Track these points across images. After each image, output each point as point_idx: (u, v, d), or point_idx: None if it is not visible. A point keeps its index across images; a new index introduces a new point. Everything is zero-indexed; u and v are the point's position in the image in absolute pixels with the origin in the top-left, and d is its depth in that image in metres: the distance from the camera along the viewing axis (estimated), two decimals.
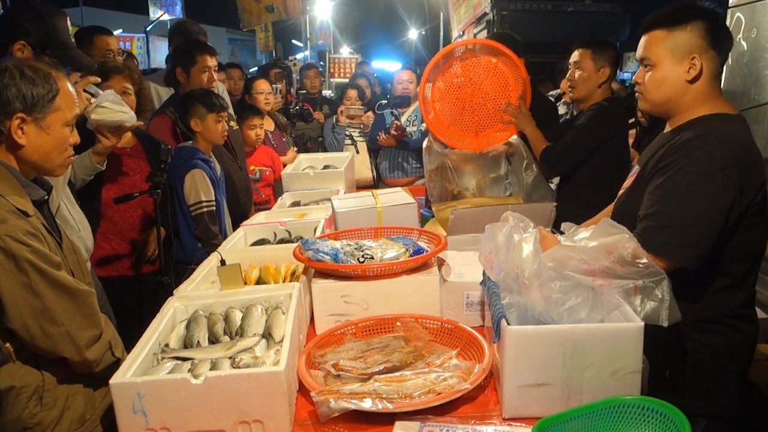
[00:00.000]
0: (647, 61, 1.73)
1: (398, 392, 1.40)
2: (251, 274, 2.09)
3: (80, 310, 1.58)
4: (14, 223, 1.47)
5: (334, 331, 1.77)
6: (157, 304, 1.82)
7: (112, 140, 2.50)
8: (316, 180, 3.61)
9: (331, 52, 12.78)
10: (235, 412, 1.35)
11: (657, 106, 1.77)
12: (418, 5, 11.57)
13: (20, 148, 1.59)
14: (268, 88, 4.53)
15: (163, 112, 3.33)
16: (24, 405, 1.53)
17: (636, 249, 1.40)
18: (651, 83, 1.73)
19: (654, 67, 1.72)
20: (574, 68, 2.87)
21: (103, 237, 2.82)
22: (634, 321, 1.35)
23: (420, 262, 1.91)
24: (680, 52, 1.67)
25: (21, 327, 1.48)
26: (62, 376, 1.61)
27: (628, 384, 1.36)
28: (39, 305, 1.49)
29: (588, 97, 2.89)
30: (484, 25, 7.37)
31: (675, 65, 1.68)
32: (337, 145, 5.07)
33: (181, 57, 3.44)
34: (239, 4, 7.93)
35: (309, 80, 6.35)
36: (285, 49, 21.55)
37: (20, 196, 1.55)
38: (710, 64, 1.67)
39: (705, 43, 1.66)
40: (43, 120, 1.60)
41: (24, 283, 1.47)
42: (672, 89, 1.70)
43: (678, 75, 1.68)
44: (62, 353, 1.55)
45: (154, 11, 17.38)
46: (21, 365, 1.54)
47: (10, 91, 1.54)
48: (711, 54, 1.67)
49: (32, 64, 1.62)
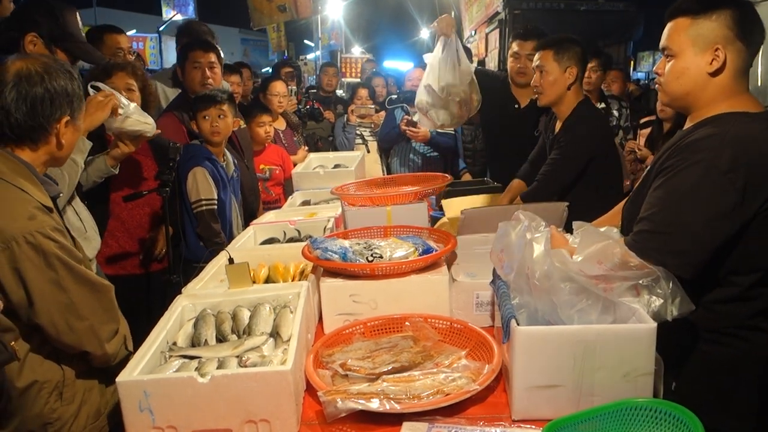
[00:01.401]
0: (669, 50, 1.64)
1: (406, 393, 1.38)
2: (260, 273, 2.09)
3: (101, 305, 1.61)
4: (42, 219, 1.50)
5: (342, 330, 1.76)
6: (165, 303, 1.82)
7: (131, 147, 2.51)
8: (326, 179, 3.60)
9: (342, 52, 12.80)
10: (242, 411, 1.34)
11: (676, 100, 1.68)
12: (430, 4, 11.52)
13: (61, 149, 1.63)
14: (284, 90, 4.52)
15: (170, 111, 3.34)
16: (45, 400, 1.56)
17: (623, 254, 1.38)
18: (671, 74, 1.64)
19: (675, 57, 1.62)
20: (537, 72, 2.72)
21: (111, 235, 2.82)
22: (647, 322, 1.33)
23: (429, 261, 1.89)
24: (703, 42, 1.56)
25: (48, 322, 1.50)
26: (80, 370, 1.63)
27: (640, 386, 1.34)
28: (66, 300, 1.52)
29: (558, 100, 2.73)
30: (496, 24, 7.34)
31: (697, 56, 1.58)
32: (347, 144, 5.06)
33: (179, 55, 3.47)
34: (250, 3, 7.91)
35: (327, 77, 6.36)
36: (297, 49, 21.59)
37: (42, 192, 1.58)
38: (736, 57, 1.56)
39: (732, 35, 1.54)
40: (78, 119, 1.66)
41: (52, 279, 1.49)
42: (692, 82, 1.61)
43: (699, 66, 1.58)
44: (86, 347, 1.58)
45: (167, 11, 17.50)
46: (43, 360, 1.56)
47: (61, 96, 1.58)
48: (738, 46, 1.55)
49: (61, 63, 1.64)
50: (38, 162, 1.62)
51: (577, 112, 2.71)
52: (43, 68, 1.56)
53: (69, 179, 2.16)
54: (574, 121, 2.72)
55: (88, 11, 18.24)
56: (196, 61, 3.32)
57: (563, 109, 2.75)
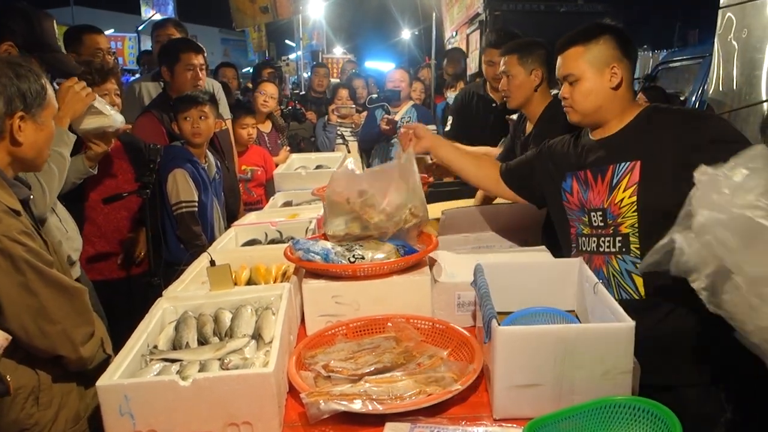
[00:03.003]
0: (572, 76, 1.89)
1: (389, 393, 1.39)
2: (242, 275, 2.08)
3: (74, 308, 1.59)
4: (9, 222, 1.47)
5: (324, 331, 1.76)
6: (146, 306, 1.80)
7: (102, 146, 2.49)
8: (308, 180, 3.59)
9: (324, 52, 12.76)
10: (224, 414, 1.34)
11: (588, 116, 1.92)
12: (411, 5, 11.57)
13: (18, 146, 1.60)
14: (273, 91, 4.52)
15: (149, 111, 3.31)
16: (21, 406, 1.53)
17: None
18: (579, 95, 1.89)
19: (579, 80, 1.87)
20: (504, 77, 2.75)
21: (88, 240, 2.77)
22: (625, 321, 1.35)
23: (411, 262, 1.90)
24: (599, 63, 1.84)
25: (18, 327, 1.48)
26: (56, 375, 1.61)
27: (619, 384, 1.35)
28: (36, 304, 1.49)
29: (526, 102, 2.76)
30: (477, 25, 7.38)
31: (597, 76, 1.85)
32: (328, 144, 5.07)
33: (165, 55, 3.40)
34: (232, 4, 7.87)
35: (318, 78, 6.36)
36: (278, 49, 21.50)
37: (9, 195, 1.55)
38: (626, 71, 1.86)
39: (619, 54, 1.84)
40: (39, 116, 1.62)
41: (21, 282, 1.47)
42: (600, 98, 1.87)
43: (602, 83, 1.85)
44: (59, 351, 1.56)
45: (146, 11, 17.31)
46: (17, 365, 1.53)
47: (11, 90, 1.55)
48: (625, 63, 1.86)
49: (21, 62, 1.62)
50: (2, 164, 1.60)
51: (546, 112, 2.75)
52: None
53: (58, 173, 2.13)
54: (545, 121, 2.75)
55: (65, 10, 18.01)
56: (189, 64, 3.31)
57: (532, 110, 2.79)
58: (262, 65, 6.82)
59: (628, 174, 1.83)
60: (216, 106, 3.15)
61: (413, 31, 17.56)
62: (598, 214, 1.92)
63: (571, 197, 2.02)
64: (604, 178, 1.90)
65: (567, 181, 2.03)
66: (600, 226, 1.92)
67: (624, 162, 1.84)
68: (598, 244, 1.93)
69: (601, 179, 1.90)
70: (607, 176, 1.89)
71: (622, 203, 1.84)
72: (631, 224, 1.83)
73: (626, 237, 1.85)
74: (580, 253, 1.99)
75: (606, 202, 1.89)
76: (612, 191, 1.87)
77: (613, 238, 1.88)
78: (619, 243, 1.87)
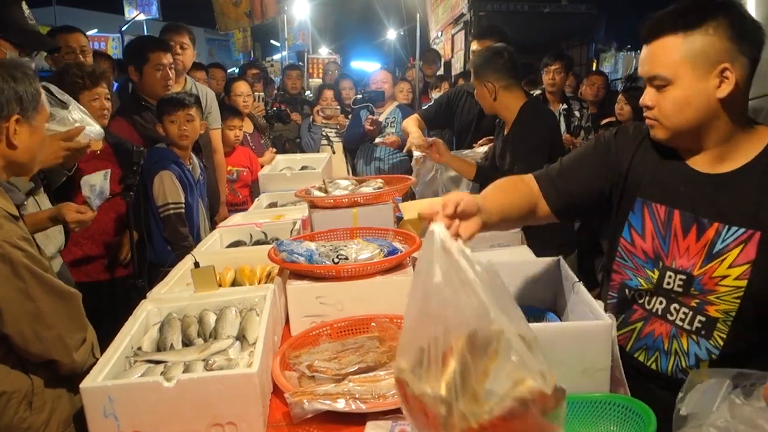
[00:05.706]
0: (659, 80, 1.34)
1: (372, 392, 1.40)
2: (226, 276, 2.08)
3: (69, 313, 1.60)
4: (9, 228, 1.48)
5: (309, 332, 1.77)
6: (131, 308, 1.80)
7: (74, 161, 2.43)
8: (293, 181, 3.59)
9: (309, 53, 12.72)
10: (209, 414, 1.35)
11: (681, 136, 1.38)
12: (396, 6, 11.58)
13: (13, 149, 1.59)
14: (247, 90, 4.51)
15: (119, 116, 3.20)
16: (15, 410, 1.53)
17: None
18: (670, 105, 1.34)
19: (671, 84, 1.32)
20: None
21: (74, 242, 2.77)
22: (603, 318, 1.37)
23: (394, 262, 1.91)
24: (705, 62, 1.28)
25: (15, 332, 1.48)
26: (48, 378, 1.61)
27: (598, 381, 1.38)
28: (34, 310, 1.50)
29: (493, 111, 2.89)
30: (462, 25, 7.43)
31: (700, 81, 1.29)
32: (313, 145, 5.07)
33: (132, 55, 3.27)
34: (216, 7, 7.89)
35: (291, 81, 6.34)
36: (263, 50, 21.42)
37: (7, 201, 1.56)
38: (743, 75, 1.29)
39: (734, 48, 1.27)
40: (34, 120, 1.62)
41: (20, 288, 1.47)
42: (702, 112, 1.32)
43: (707, 92, 1.30)
44: (54, 356, 1.56)
45: (130, 11, 17.15)
46: (9, 370, 1.53)
47: (8, 93, 1.54)
48: (742, 62, 1.28)
49: (17, 65, 1.61)
50: (6, 167, 1.60)
51: (520, 115, 2.81)
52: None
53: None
54: (519, 124, 2.81)
55: (47, 10, 17.80)
56: (158, 63, 3.19)
57: (504, 115, 2.87)
58: (248, 66, 6.80)
59: (740, 245, 1.33)
60: (201, 108, 3.14)
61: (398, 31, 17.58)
62: (679, 278, 1.42)
63: (640, 240, 1.49)
64: (700, 235, 1.38)
65: (636, 211, 1.50)
66: (676, 292, 1.43)
67: (737, 228, 1.34)
68: (667, 310, 1.46)
69: (696, 235, 1.39)
70: (707, 235, 1.37)
71: (721, 282, 1.36)
72: (727, 311, 1.36)
73: (713, 321, 1.38)
74: (623, 304, 1.55)
75: (697, 269, 1.39)
76: (711, 260, 1.37)
77: (693, 314, 1.41)
78: (699, 324, 1.41)
